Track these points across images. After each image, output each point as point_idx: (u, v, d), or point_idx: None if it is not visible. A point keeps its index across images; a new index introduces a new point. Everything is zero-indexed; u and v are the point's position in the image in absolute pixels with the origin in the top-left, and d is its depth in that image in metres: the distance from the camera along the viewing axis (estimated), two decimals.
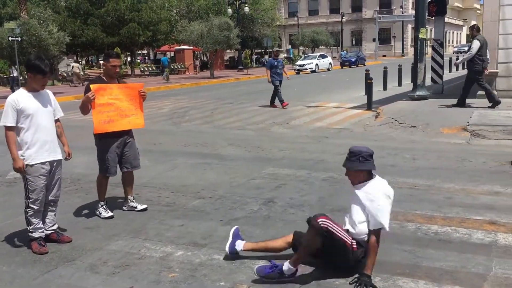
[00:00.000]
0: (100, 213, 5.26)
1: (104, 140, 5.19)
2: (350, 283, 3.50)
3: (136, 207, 5.44)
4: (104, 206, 5.31)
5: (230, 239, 4.04)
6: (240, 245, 3.98)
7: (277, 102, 14.77)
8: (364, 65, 41.67)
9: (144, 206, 5.47)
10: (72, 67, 31.73)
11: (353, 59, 44.37)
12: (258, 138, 10.09)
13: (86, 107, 5.05)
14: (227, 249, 4.00)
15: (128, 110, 5.23)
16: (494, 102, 10.99)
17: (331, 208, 5.25)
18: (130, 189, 5.51)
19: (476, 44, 10.70)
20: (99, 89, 5.05)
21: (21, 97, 4.31)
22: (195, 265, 3.94)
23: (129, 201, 5.48)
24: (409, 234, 4.45)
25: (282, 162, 7.66)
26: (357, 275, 3.50)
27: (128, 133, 5.35)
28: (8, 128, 4.27)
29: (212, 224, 4.91)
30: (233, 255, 3.99)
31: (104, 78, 5.28)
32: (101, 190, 5.33)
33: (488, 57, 11.14)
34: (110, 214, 5.24)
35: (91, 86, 5.02)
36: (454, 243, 4.21)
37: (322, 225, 3.49)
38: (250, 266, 3.87)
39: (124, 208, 5.49)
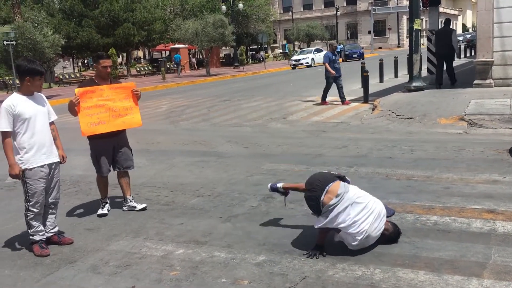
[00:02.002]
0: (98, 210, 5.41)
1: (94, 141, 5.27)
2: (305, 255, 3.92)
3: (135, 207, 5.46)
4: (102, 204, 5.43)
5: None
6: (279, 184, 4.70)
7: (330, 98, 13.85)
8: (363, 58, 41.25)
9: (144, 205, 5.49)
10: None
11: (360, 51, 42.09)
12: (255, 134, 10.10)
13: (73, 110, 5.07)
14: (269, 186, 4.75)
15: (122, 110, 5.23)
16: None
17: None
18: (128, 189, 5.53)
19: None
20: (85, 92, 5.07)
21: (17, 102, 4.30)
22: (196, 263, 3.96)
23: (128, 201, 5.50)
24: (408, 225, 4.47)
25: (280, 157, 7.68)
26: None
27: (120, 133, 5.35)
28: (4, 134, 4.26)
29: (211, 221, 4.93)
30: (273, 190, 4.71)
31: (95, 80, 5.27)
32: (99, 188, 5.46)
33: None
34: (104, 212, 5.35)
35: (76, 90, 5.06)
36: (453, 232, 4.23)
37: None
38: (251, 262, 3.90)
39: (123, 208, 5.51)
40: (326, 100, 13.79)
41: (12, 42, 21.98)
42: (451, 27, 14.07)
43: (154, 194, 6.07)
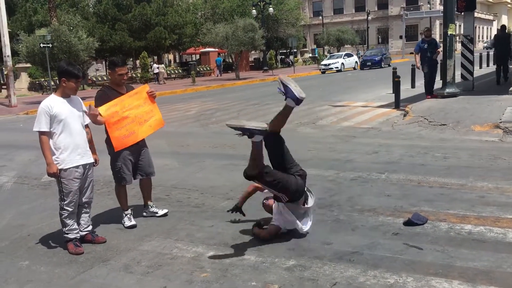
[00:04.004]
0: (124, 222, 5.14)
1: (118, 151, 5.04)
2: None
3: (157, 212, 5.38)
4: (128, 215, 5.16)
5: None
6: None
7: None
8: (389, 65, 35.69)
9: (165, 211, 5.41)
10: (158, 67, 35.95)
11: (377, 58, 37.56)
12: (285, 138, 10.06)
13: (96, 122, 4.87)
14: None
15: (145, 114, 5.15)
16: None
17: (360, 208, 5.22)
18: (149, 195, 5.45)
19: None
20: (109, 107, 4.92)
21: (54, 103, 4.42)
22: (226, 265, 3.98)
23: (149, 207, 5.43)
24: (441, 234, 4.39)
25: (309, 162, 7.64)
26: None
27: (140, 140, 5.20)
28: (42, 133, 4.38)
29: (241, 224, 4.94)
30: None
31: (112, 87, 5.12)
32: (121, 200, 5.22)
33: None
34: (133, 223, 5.12)
35: (100, 110, 4.82)
36: (488, 242, 4.13)
37: None
38: (281, 266, 3.89)
39: (144, 214, 5.42)
40: (429, 94, 13.58)
41: (48, 45, 22.61)
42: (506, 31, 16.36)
43: (184, 196, 6.13)
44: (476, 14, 49.08)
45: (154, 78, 36.29)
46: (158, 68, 36.29)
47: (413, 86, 17.96)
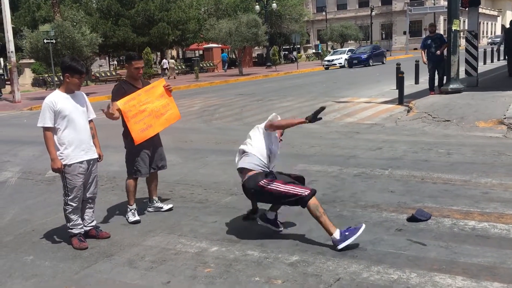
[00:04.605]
0: (128, 217, 5.15)
1: (134, 143, 5.09)
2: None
3: (162, 207, 5.41)
4: (132, 211, 5.17)
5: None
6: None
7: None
8: (383, 63, 35.51)
9: (170, 206, 5.44)
10: (168, 63, 36.79)
11: (364, 56, 34.92)
12: (288, 134, 9.99)
13: (111, 118, 4.97)
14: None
15: (161, 108, 5.25)
16: None
17: (364, 204, 5.22)
18: (155, 190, 5.48)
19: None
20: (127, 101, 4.98)
21: (58, 99, 4.43)
22: (229, 261, 3.99)
23: (154, 202, 5.46)
24: (445, 230, 4.38)
25: (313, 158, 7.65)
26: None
27: (156, 134, 5.28)
28: (46, 129, 4.39)
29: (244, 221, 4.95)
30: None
31: (128, 81, 5.18)
32: (129, 194, 5.22)
33: None
34: (137, 218, 5.12)
35: (119, 105, 4.91)
36: (492, 238, 4.12)
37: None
38: (284, 262, 3.90)
39: (149, 209, 5.45)
40: (432, 90, 13.64)
41: (52, 41, 22.64)
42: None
43: (188, 192, 6.14)
44: (480, 10, 48.82)
45: (159, 74, 36.41)
46: (168, 63, 36.53)
47: (417, 82, 17.90)
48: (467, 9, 14.59)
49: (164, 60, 37.91)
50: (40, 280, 3.88)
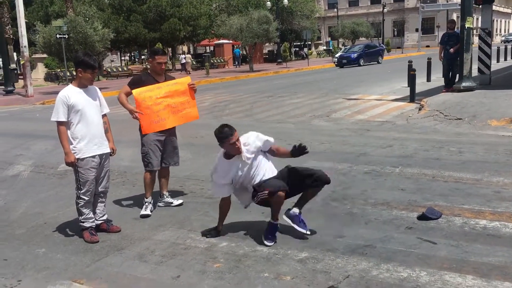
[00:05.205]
0: (141, 210, 5.26)
1: (147, 135, 5.21)
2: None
3: (172, 202, 5.45)
4: (146, 204, 5.23)
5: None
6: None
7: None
8: (379, 63, 33.44)
9: (180, 201, 5.48)
10: (185, 58, 36.75)
11: (354, 56, 32.47)
12: (298, 131, 10.08)
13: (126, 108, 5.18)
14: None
15: (180, 105, 5.28)
16: None
17: (374, 202, 5.21)
18: (165, 185, 5.52)
19: None
20: (143, 92, 5.10)
21: (71, 93, 4.47)
22: (239, 256, 4.01)
23: (165, 197, 5.49)
24: (456, 228, 4.36)
25: (323, 155, 7.63)
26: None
27: (171, 129, 5.35)
28: (59, 123, 4.43)
29: (254, 216, 4.96)
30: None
31: (151, 74, 5.31)
32: (145, 187, 5.28)
33: None
34: (147, 212, 5.17)
35: (134, 93, 5.08)
36: (503, 238, 4.09)
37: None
38: (294, 258, 3.91)
39: (159, 204, 5.48)
40: (446, 87, 13.54)
41: (64, 36, 22.79)
42: None
43: (198, 187, 6.17)
44: (494, 7, 48.24)
45: (170, 69, 36.60)
46: (185, 58, 36.83)
47: (428, 79, 17.76)
48: (480, 6, 14.45)
49: (181, 56, 38.36)
50: (51, 273, 3.93)
